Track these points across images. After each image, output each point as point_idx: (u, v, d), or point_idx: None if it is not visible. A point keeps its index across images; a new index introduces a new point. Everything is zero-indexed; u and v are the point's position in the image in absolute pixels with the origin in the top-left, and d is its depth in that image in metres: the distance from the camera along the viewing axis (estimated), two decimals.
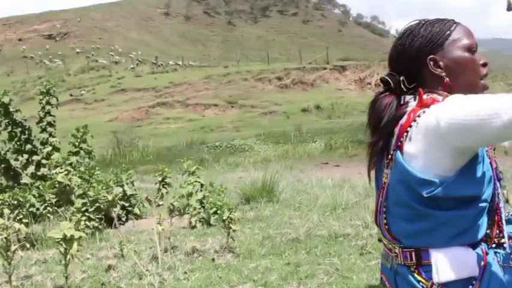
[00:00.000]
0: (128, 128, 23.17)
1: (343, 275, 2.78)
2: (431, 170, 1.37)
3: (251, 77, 35.47)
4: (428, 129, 1.36)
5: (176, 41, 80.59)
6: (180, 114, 30.98)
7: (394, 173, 1.45)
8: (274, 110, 29.32)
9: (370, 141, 1.58)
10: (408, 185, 1.40)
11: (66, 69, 47.39)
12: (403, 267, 1.49)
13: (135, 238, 4.42)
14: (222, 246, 3.53)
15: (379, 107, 1.58)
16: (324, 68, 36.16)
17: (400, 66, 1.57)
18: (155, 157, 16.50)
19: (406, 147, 1.42)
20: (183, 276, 2.89)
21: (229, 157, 15.35)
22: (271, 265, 3.07)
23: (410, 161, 1.40)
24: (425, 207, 1.39)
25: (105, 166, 11.41)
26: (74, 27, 74.26)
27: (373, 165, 1.63)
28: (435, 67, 1.50)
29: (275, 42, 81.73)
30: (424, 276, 1.44)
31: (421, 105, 1.44)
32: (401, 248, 1.49)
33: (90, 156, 6.87)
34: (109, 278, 2.93)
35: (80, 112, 33.77)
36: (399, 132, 1.46)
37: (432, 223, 1.41)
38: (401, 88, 1.55)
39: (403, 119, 1.47)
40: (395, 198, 1.47)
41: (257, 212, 5.27)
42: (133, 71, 44.71)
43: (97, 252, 3.61)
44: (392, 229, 1.51)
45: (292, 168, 11.54)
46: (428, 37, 1.50)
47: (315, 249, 3.44)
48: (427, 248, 1.43)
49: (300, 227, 4.23)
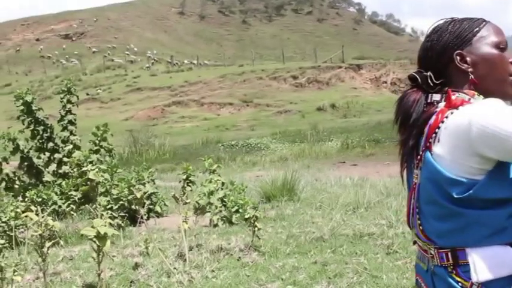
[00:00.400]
0: (144, 127, 23.33)
1: (372, 274, 2.75)
2: (459, 172, 1.35)
3: (266, 76, 35.47)
4: (458, 131, 1.33)
5: (191, 40, 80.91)
6: (195, 113, 31.09)
7: (424, 173, 1.43)
8: (289, 108, 29.28)
9: (400, 140, 1.57)
10: (439, 185, 1.38)
11: (83, 69, 47.90)
12: (440, 269, 1.47)
13: (157, 236, 4.43)
14: (246, 244, 3.52)
15: (406, 103, 1.56)
16: (339, 67, 36.01)
17: (428, 63, 1.55)
18: (171, 156, 16.60)
19: (434, 148, 1.40)
20: (211, 275, 2.89)
21: (246, 156, 15.38)
22: (298, 264, 3.05)
23: (439, 162, 1.38)
24: (456, 206, 1.37)
25: (123, 165, 11.48)
26: (90, 27, 74.96)
27: (405, 165, 1.61)
28: (462, 62, 1.48)
29: (290, 41, 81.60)
30: (463, 276, 1.41)
31: (449, 106, 1.42)
32: (436, 249, 1.47)
33: (110, 154, 6.91)
34: (137, 276, 2.93)
35: (96, 111, 34.09)
36: (428, 133, 1.44)
37: (464, 222, 1.38)
38: (428, 84, 1.53)
39: (432, 119, 1.45)
40: (426, 198, 1.45)
41: (278, 210, 5.25)
42: (148, 70, 45.03)
43: (122, 250, 3.62)
44: (425, 229, 1.49)
45: (310, 167, 11.51)
46: (456, 33, 1.48)
47: (341, 248, 3.41)
48: (463, 248, 1.40)
49: (323, 226, 4.20)
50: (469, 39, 1.46)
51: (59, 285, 2.90)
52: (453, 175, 1.33)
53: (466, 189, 1.33)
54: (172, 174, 11.81)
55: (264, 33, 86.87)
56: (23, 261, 3.20)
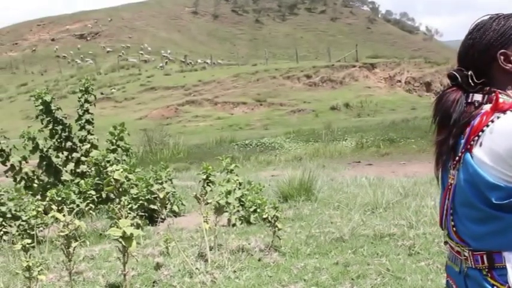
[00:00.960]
0: (157, 126, 23.45)
1: (395, 275, 2.73)
2: (499, 178, 1.32)
3: (279, 75, 35.41)
4: (504, 140, 1.30)
5: (204, 40, 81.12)
6: (209, 112, 31.17)
7: (462, 174, 1.40)
8: (302, 108, 29.20)
9: (438, 139, 1.54)
10: (477, 188, 1.35)
11: (97, 68, 48.29)
12: (474, 271, 1.44)
13: (176, 236, 4.43)
14: (266, 244, 3.51)
15: (446, 102, 1.52)
16: (353, 66, 35.82)
17: (469, 61, 1.51)
18: (185, 155, 16.65)
19: (475, 151, 1.37)
20: (233, 275, 2.88)
21: (260, 155, 15.37)
22: (319, 264, 3.03)
23: (479, 165, 1.35)
24: (494, 210, 1.34)
25: (138, 164, 11.55)
26: (105, 27, 75.53)
27: (440, 165, 1.58)
28: (506, 62, 1.44)
29: (303, 40, 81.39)
30: (499, 280, 1.39)
31: (495, 108, 1.38)
32: (471, 251, 1.44)
33: (127, 153, 6.95)
34: (159, 276, 2.94)
35: (110, 110, 34.32)
36: (470, 134, 1.41)
37: (502, 225, 1.35)
38: (469, 84, 1.50)
39: (475, 120, 1.42)
40: (462, 200, 1.42)
41: (296, 210, 5.24)
42: (162, 69, 45.22)
43: (142, 250, 3.63)
44: (460, 231, 1.46)
45: (325, 166, 11.46)
46: (500, 31, 1.44)
47: (361, 249, 3.39)
48: (499, 251, 1.38)
49: (342, 226, 4.18)
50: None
51: (82, 285, 2.92)
52: (493, 180, 1.31)
53: (505, 195, 1.31)
54: (187, 174, 11.85)
55: (277, 32, 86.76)
56: (46, 260, 3.22)
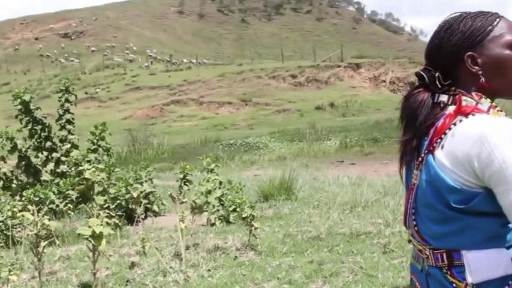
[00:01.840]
0: (142, 126, 23.34)
1: (368, 273, 2.75)
2: (458, 182, 1.34)
3: (265, 75, 35.48)
4: (464, 146, 1.31)
5: (190, 39, 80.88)
6: (194, 112, 31.12)
7: (424, 175, 1.42)
8: (288, 107, 29.30)
9: (403, 139, 1.55)
10: (437, 190, 1.37)
11: (82, 68, 47.88)
12: (435, 269, 1.46)
13: (155, 235, 4.43)
14: (243, 243, 3.52)
15: (413, 103, 1.54)
16: (338, 66, 36.01)
17: (436, 61, 1.52)
18: (170, 155, 16.61)
19: (437, 153, 1.39)
20: (207, 274, 2.89)
21: (244, 155, 15.38)
22: (294, 263, 3.05)
23: (440, 167, 1.37)
24: (453, 211, 1.36)
25: (121, 164, 11.51)
26: (89, 26, 74.93)
27: (404, 164, 1.60)
28: (472, 64, 1.45)
29: (289, 40, 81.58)
30: (457, 277, 1.41)
31: (458, 111, 1.40)
32: (432, 250, 1.46)
33: (108, 153, 6.91)
34: (133, 275, 2.93)
35: (95, 110, 34.09)
36: (433, 135, 1.42)
37: (460, 226, 1.37)
38: (435, 84, 1.51)
39: (439, 121, 1.43)
40: (424, 200, 1.44)
41: (276, 209, 5.26)
42: (147, 69, 45.02)
43: (119, 249, 3.62)
44: (421, 230, 1.49)
45: (308, 166, 11.50)
46: (467, 33, 1.44)
47: (337, 248, 3.42)
48: (458, 249, 1.40)
49: (320, 225, 4.21)
50: (481, 40, 1.41)
51: (54, 285, 2.90)
52: (452, 183, 1.33)
53: (464, 199, 1.33)
54: (171, 174, 11.80)
55: (263, 32, 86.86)
56: (19, 261, 3.20)
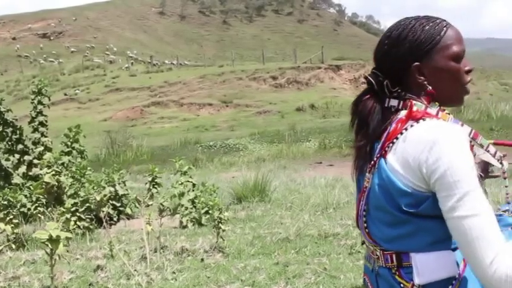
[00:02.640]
0: (122, 128, 23.14)
1: (330, 274, 2.79)
2: (409, 186, 1.38)
3: (246, 77, 35.50)
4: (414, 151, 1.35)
5: (171, 40, 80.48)
6: (175, 113, 30.97)
7: (376, 179, 1.45)
8: (268, 109, 29.36)
9: (356, 144, 1.58)
10: (389, 193, 1.41)
11: (61, 69, 47.27)
12: (384, 269, 1.50)
13: (126, 238, 4.41)
14: (212, 246, 3.53)
15: (364, 109, 1.57)
16: (319, 68, 36.21)
17: (385, 67, 1.55)
18: (149, 157, 16.49)
19: (389, 157, 1.42)
20: (171, 276, 2.89)
21: (223, 157, 15.36)
22: (260, 265, 3.07)
23: (391, 171, 1.40)
24: (404, 214, 1.40)
25: (99, 166, 11.41)
26: (69, 27, 74.04)
27: (357, 168, 1.63)
28: (419, 75, 1.49)
29: (270, 41, 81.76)
30: (405, 278, 1.45)
31: (409, 117, 1.43)
32: (382, 251, 1.50)
33: (82, 156, 6.85)
34: (97, 278, 2.92)
35: (74, 111, 33.72)
36: (385, 140, 1.45)
37: (411, 229, 1.41)
38: (384, 91, 1.54)
39: (391, 126, 1.46)
40: (376, 203, 1.47)
41: (249, 211, 5.27)
42: (127, 70, 44.67)
43: (86, 253, 3.60)
44: (372, 232, 1.52)
45: (286, 167, 11.54)
46: (415, 43, 1.46)
47: (305, 249, 3.44)
48: (407, 251, 1.44)
49: (290, 226, 4.24)
50: (429, 51, 1.45)
51: None
52: (403, 187, 1.36)
53: (414, 203, 1.36)
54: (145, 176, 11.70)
55: (244, 33, 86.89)
56: None
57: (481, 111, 16.67)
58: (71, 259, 3.37)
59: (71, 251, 3.64)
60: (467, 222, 1.22)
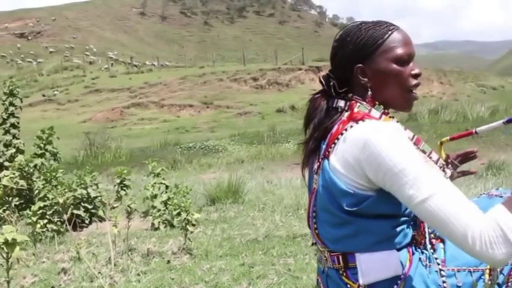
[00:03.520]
0: (102, 129, 22.91)
1: (294, 275, 2.82)
2: (351, 186, 1.41)
3: (226, 78, 35.49)
4: (353, 149, 1.39)
5: (152, 41, 79.98)
6: (155, 114, 30.80)
7: (321, 180, 1.48)
8: (249, 110, 29.40)
9: (303, 142, 1.62)
10: (332, 194, 1.44)
11: (39, 69, 46.63)
12: (332, 271, 1.53)
13: (96, 241, 4.39)
14: (180, 247, 3.54)
15: (311, 107, 1.61)
16: (300, 69, 36.37)
17: (334, 68, 1.60)
18: (128, 158, 16.36)
19: (331, 158, 1.45)
20: (134, 278, 2.89)
21: (203, 158, 15.32)
22: (225, 266, 3.09)
23: (334, 172, 1.44)
24: (347, 214, 1.43)
25: (77, 168, 11.29)
26: (47, 26, 73.08)
27: (306, 167, 1.66)
28: (362, 76, 1.52)
29: (251, 42, 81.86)
30: (351, 278, 1.48)
31: (350, 118, 1.47)
32: (329, 252, 1.53)
33: (55, 158, 6.78)
34: (59, 281, 2.91)
35: (53, 113, 33.31)
36: (329, 141, 1.49)
37: (354, 229, 1.45)
38: (332, 92, 1.59)
39: (334, 127, 1.50)
40: (321, 204, 1.51)
41: (222, 213, 5.29)
42: (107, 71, 44.26)
43: (53, 256, 3.58)
44: (320, 233, 1.55)
45: (264, 168, 11.58)
46: (359, 46, 1.51)
47: (272, 250, 3.47)
48: (353, 252, 1.47)
49: (261, 227, 4.27)
50: (371, 53, 1.49)
51: None
52: (345, 187, 1.40)
53: (356, 202, 1.40)
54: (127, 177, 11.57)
55: (225, 34, 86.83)
56: None
57: (458, 113, 16.92)
58: (36, 262, 3.35)
59: (37, 254, 3.62)
60: (429, 204, 1.22)
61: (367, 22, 1.54)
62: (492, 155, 8.81)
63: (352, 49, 1.51)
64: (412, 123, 16.45)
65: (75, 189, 5.31)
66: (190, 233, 3.50)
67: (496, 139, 11.57)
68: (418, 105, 19.64)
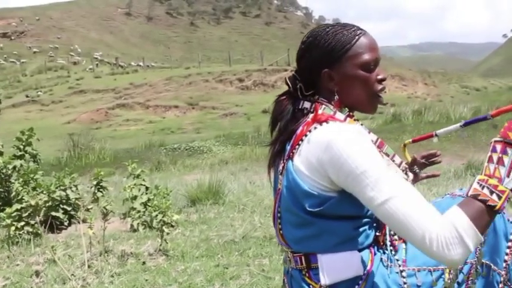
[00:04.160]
0: (86, 130, 22.72)
1: (267, 275, 2.84)
2: (313, 187, 1.42)
3: (212, 79, 35.46)
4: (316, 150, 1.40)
5: (137, 42, 79.54)
6: (140, 115, 30.65)
7: (285, 181, 1.50)
8: (235, 111, 29.40)
9: (270, 143, 1.63)
10: (295, 195, 1.45)
11: (22, 70, 46.13)
12: (296, 271, 1.55)
13: (74, 243, 4.36)
14: (156, 249, 3.53)
15: (277, 109, 1.63)
16: (285, 70, 36.45)
17: (300, 71, 1.61)
18: (112, 160, 16.25)
19: (295, 159, 1.47)
20: (108, 280, 2.89)
21: (187, 159, 15.28)
22: (200, 267, 3.10)
23: (297, 173, 1.45)
24: (309, 215, 1.45)
25: (60, 169, 11.18)
26: (31, 26, 72.29)
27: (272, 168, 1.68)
28: (329, 80, 1.54)
29: (238, 43, 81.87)
30: (314, 279, 1.50)
31: (314, 119, 1.48)
32: (292, 253, 1.55)
33: (35, 159, 6.71)
34: (31, 284, 2.89)
35: (36, 114, 32.98)
36: (293, 142, 1.50)
37: (316, 230, 1.46)
38: (298, 94, 1.60)
39: (299, 129, 1.52)
40: (285, 205, 1.52)
41: (202, 214, 5.29)
42: (92, 71, 43.94)
43: (28, 258, 3.55)
44: (284, 234, 1.57)
45: (248, 169, 11.59)
46: (326, 50, 1.52)
47: (248, 251, 3.49)
48: (315, 253, 1.49)
49: (239, 228, 4.28)
50: (339, 58, 1.51)
51: None
52: (308, 188, 1.41)
53: (318, 203, 1.42)
54: (110, 179, 11.55)
55: (212, 35, 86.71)
56: None
57: (441, 113, 17.08)
58: (10, 265, 3.33)
59: (11, 257, 3.59)
60: (389, 206, 1.25)
61: (334, 25, 1.56)
62: (472, 155, 8.92)
63: (319, 53, 1.53)
64: (396, 124, 16.60)
65: (53, 191, 5.27)
66: (167, 234, 3.50)
67: (477, 139, 11.72)
68: (402, 106, 19.80)
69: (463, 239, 1.18)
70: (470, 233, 1.19)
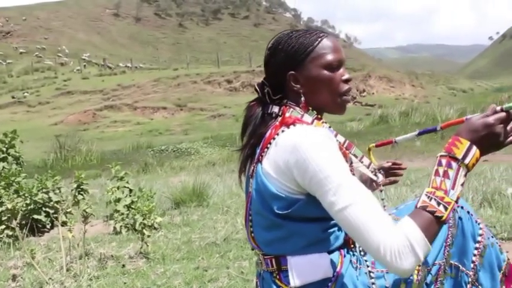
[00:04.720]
0: (73, 132, 22.57)
1: (246, 278, 2.85)
2: (281, 189, 1.44)
3: (200, 80, 35.43)
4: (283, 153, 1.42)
5: (125, 43, 79.18)
6: (128, 117, 30.52)
7: (254, 184, 1.52)
8: (223, 113, 29.39)
9: (241, 148, 1.65)
10: (263, 197, 1.47)
11: (8, 70, 45.69)
12: (267, 273, 1.57)
13: (56, 246, 4.34)
14: (137, 252, 3.53)
15: (247, 114, 1.65)
16: None
17: (267, 76, 1.64)
18: (99, 161, 16.17)
19: (264, 162, 1.49)
20: (86, 283, 2.88)
21: (174, 161, 15.25)
22: (180, 270, 3.10)
23: (266, 176, 1.47)
24: (278, 218, 1.47)
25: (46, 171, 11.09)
26: (17, 26, 71.65)
27: (244, 171, 1.70)
28: (294, 83, 1.57)
29: (226, 45, 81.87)
30: (284, 281, 1.52)
31: (282, 122, 1.51)
32: (263, 255, 1.56)
33: (18, 162, 6.66)
34: None
35: (23, 115, 32.71)
36: (262, 146, 1.52)
37: (285, 233, 1.48)
38: (266, 98, 1.62)
39: (267, 132, 1.54)
40: (255, 208, 1.54)
41: (185, 216, 5.28)
42: (80, 72, 43.67)
43: (7, 262, 3.53)
44: (255, 237, 1.59)
45: (235, 171, 11.58)
46: (289, 53, 1.55)
47: (229, 253, 3.49)
48: (285, 255, 1.51)
49: (221, 230, 4.29)
50: (302, 60, 1.53)
51: None
52: (276, 191, 1.43)
53: (286, 206, 1.43)
54: (96, 181, 11.51)
55: (200, 36, 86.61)
56: None
57: (427, 115, 17.21)
58: None
59: None
60: (348, 212, 1.28)
61: (298, 30, 1.60)
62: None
63: (283, 56, 1.56)
64: (383, 125, 16.72)
65: (35, 193, 5.24)
66: (148, 236, 3.50)
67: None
68: (390, 107, 19.93)
69: (414, 248, 1.23)
70: (421, 243, 1.24)
